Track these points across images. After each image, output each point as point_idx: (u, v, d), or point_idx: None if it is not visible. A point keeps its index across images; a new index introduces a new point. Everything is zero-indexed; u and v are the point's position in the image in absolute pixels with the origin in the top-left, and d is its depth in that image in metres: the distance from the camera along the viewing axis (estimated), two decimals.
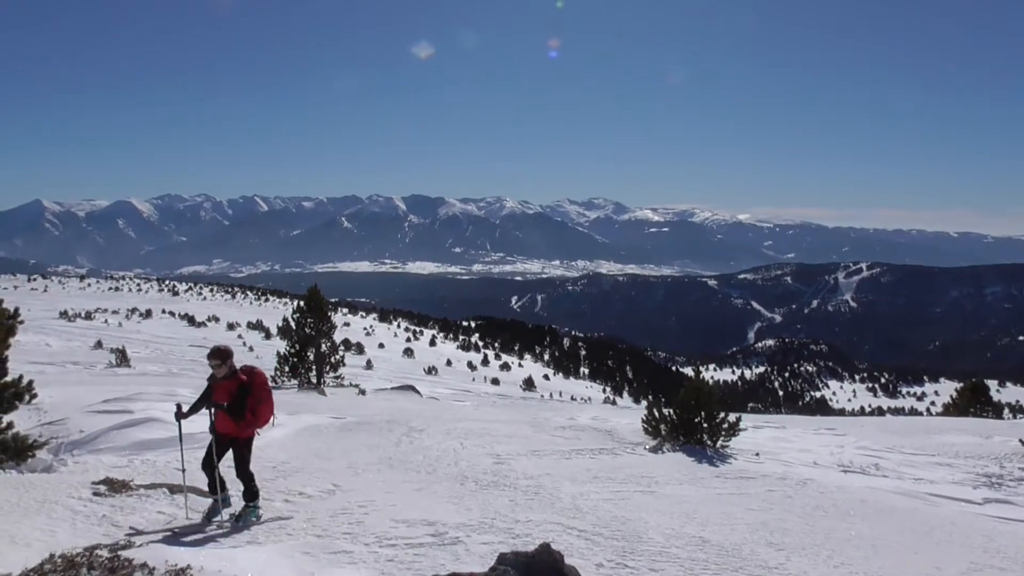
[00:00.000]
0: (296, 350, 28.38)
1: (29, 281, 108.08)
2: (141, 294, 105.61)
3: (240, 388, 7.18)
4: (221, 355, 7.19)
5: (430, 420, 15.18)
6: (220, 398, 7.18)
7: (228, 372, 7.24)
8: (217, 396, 7.21)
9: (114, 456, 9.75)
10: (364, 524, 7.13)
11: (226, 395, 7.17)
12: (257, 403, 7.27)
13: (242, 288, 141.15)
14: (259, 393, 7.31)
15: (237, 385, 7.20)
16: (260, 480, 9.13)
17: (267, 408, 7.50)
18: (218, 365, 7.16)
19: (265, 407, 7.45)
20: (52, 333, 43.97)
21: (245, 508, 7.31)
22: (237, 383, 7.20)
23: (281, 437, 12.27)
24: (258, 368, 7.50)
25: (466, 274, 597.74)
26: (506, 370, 76.29)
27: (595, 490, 9.29)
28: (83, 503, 6.96)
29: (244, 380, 7.23)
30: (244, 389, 7.19)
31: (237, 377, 7.23)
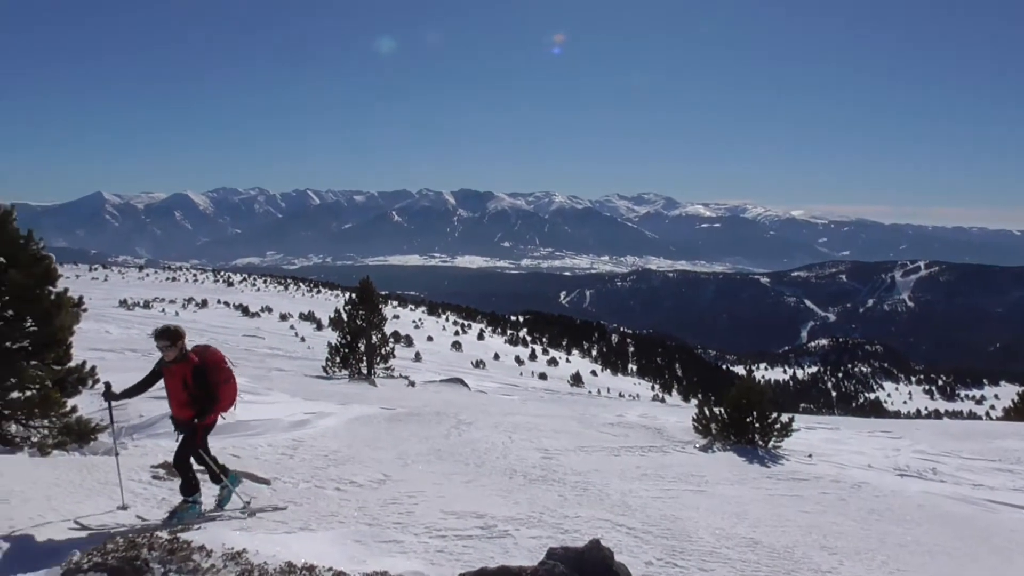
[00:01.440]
0: (347, 341, 28.79)
1: (90, 271, 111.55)
2: (197, 284, 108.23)
3: (195, 372, 6.43)
4: (171, 335, 6.43)
5: (478, 413, 15.24)
6: (173, 385, 6.48)
7: (179, 355, 6.46)
8: (169, 383, 6.51)
9: (170, 441, 9.94)
10: (414, 514, 7.18)
11: (179, 381, 6.43)
12: (216, 386, 6.58)
13: (294, 280, 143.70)
14: (216, 375, 6.61)
15: (191, 369, 6.44)
16: (312, 468, 9.31)
17: (229, 390, 6.82)
18: (167, 347, 6.41)
19: (227, 389, 6.78)
20: (112, 321, 45.30)
21: (183, 503, 6.57)
22: (190, 366, 6.44)
23: (333, 426, 12.43)
24: (211, 347, 6.92)
25: (514, 269, 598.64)
26: (553, 365, 76.29)
27: (644, 488, 9.22)
28: (143, 485, 7.15)
29: (196, 362, 6.49)
30: (199, 373, 6.44)
31: (189, 360, 6.48)
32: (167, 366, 6.47)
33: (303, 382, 22.37)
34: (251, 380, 17.21)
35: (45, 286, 8.57)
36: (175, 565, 4.39)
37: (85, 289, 49.53)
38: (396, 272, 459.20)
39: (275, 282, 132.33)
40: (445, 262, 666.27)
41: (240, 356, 33.62)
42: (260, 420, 11.61)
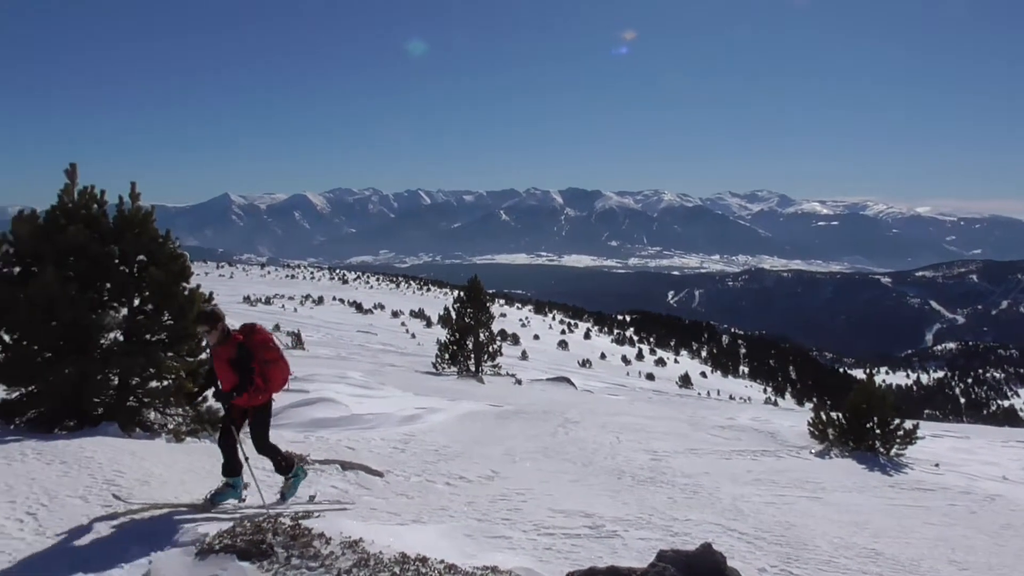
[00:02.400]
0: (456, 338, 29.31)
1: (217, 268, 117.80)
2: (314, 282, 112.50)
3: (239, 351, 6.20)
4: (208, 319, 6.22)
5: (585, 413, 15.22)
6: (221, 367, 6.27)
7: (222, 336, 6.25)
8: (217, 366, 6.30)
9: (292, 432, 10.45)
10: (522, 511, 7.25)
11: (225, 362, 6.21)
12: (263, 364, 6.32)
13: (405, 278, 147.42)
14: (262, 352, 6.33)
15: (235, 348, 6.21)
16: (423, 462, 9.53)
17: (279, 369, 6.51)
18: (207, 331, 6.25)
19: (275, 368, 6.46)
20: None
21: (286, 481, 6.73)
22: (235, 347, 6.21)
23: (443, 422, 12.70)
24: (258, 324, 6.65)
25: (622, 268, 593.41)
26: (661, 366, 75.23)
27: (757, 492, 8.99)
28: (266, 473, 7.49)
29: (241, 340, 6.25)
30: (244, 351, 6.20)
31: (232, 339, 6.26)
32: (214, 350, 6.32)
33: (414, 378, 22.93)
34: (365, 375, 17.78)
35: (180, 283, 9.14)
36: (297, 550, 4.61)
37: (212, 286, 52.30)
38: (503, 271, 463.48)
39: (387, 280, 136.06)
40: (552, 261, 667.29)
41: (354, 351, 34.79)
42: (374, 414, 11.98)
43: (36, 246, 8.76)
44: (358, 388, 14.05)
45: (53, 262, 8.55)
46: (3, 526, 5.14)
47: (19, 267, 8.89)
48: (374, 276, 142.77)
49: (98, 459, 6.86)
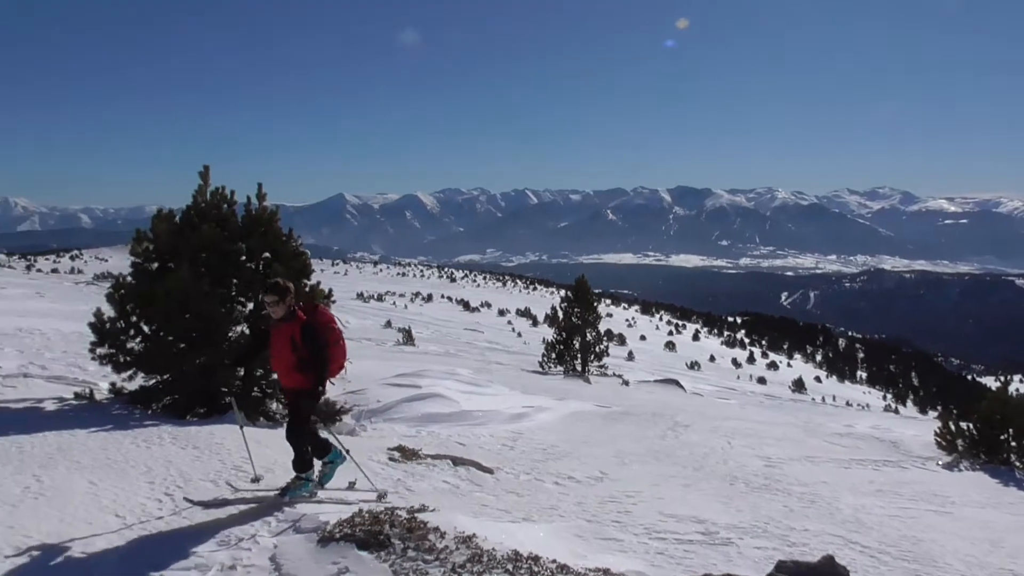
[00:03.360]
0: (563, 338, 29.31)
1: (332, 265, 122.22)
2: (423, 279, 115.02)
3: (304, 331, 5.87)
4: (279, 290, 5.89)
5: (695, 416, 14.93)
6: (281, 346, 5.94)
7: (287, 312, 5.95)
8: (277, 344, 5.98)
9: (405, 426, 10.72)
10: (632, 514, 7.18)
11: (287, 341, 5.89)
12: (326, 346, 6.00)
13: (512, 277, 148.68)
14: (325, 334, 6.03)
15: (300, 327, 5.88)
16: (531, 460, 9.58)
17: (338, 352, 6.18)
18: (275, 302, 5.88)
19: (336, 351, 6.13)
20: (350, 312, 49.29)
21: (323, 466, 6.44)
22: (299, 324, 5.90)
23: (550, 421, 12.72)
24: (321, 305, 6.40)
25: (732, 268, 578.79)
26: (773, 369, 72.92)
27: (879, 504, 8.57)
28: (381, 466, 7.72)
29: (305, 319, 5.95)
30: (309, 330, 5.89)
31: (297, 318, 5.95)
32: (275, 326, 5.99)
33: (521, 376, 23.07)
34: (473, 372, 18.03)
35: (302, 279, 9.53)
36: (413, 543, 4.72)
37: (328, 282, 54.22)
38: (610, 270, 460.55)
39: (494, 278, 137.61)
40: (660, 261, 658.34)
41: (462, 348, 35.34)
42: (483, 411, 12.13)
43: (173, 243, 9.32)
44: (467, 385, 14.25)
45: (188, 259, 9.08)
46: (144, 505, 5.49)
47: (158, 263, 9.48)
48: (481, 275, 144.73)
49: (227, 446, 7.24)
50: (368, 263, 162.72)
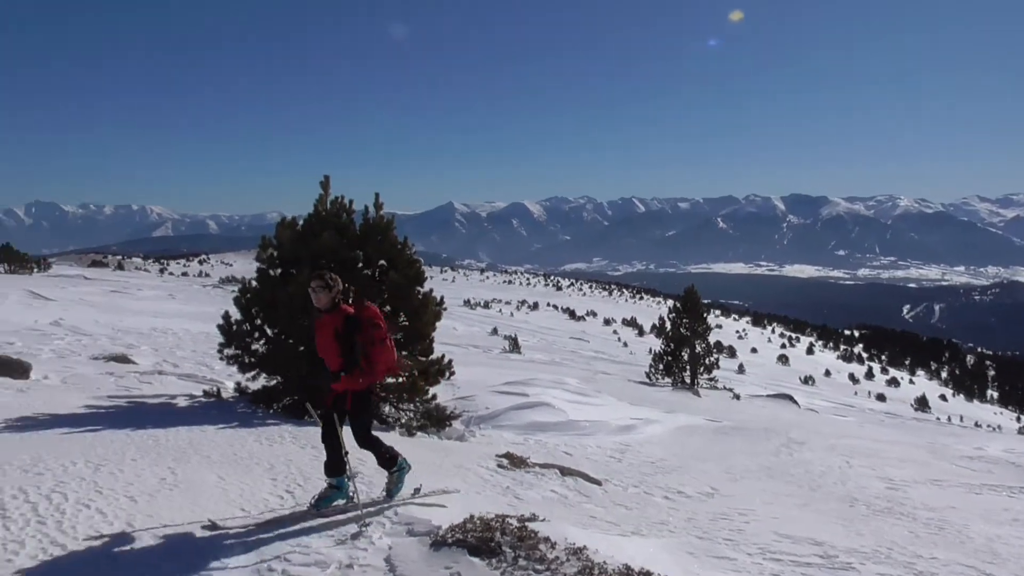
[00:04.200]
0: (670, 349, 28.85)
1: (441, 272, 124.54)
2: (529, 288, 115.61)
3: (347, 324, 5.54)
4: (323, 279, 5.59)
5: (810, 433, 14.40)
6: (324, 338, 5.62)
7: (332, 303, 5.62)
8: (320, 336, 5.66)
9: (512, 433, 10.79)
10: (745, 532, 6.98)
11: (330, 332, 5.57)
12: (370, 344, 5.55)
13: (618, 286, 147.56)
14: (370, 331, 5.56)
15: (343, 320, 5.55)
16: (639, 473, 9.46)
17: (385, 352, 5.65)
18: (320, 288, 5.56)
19: (381, 351, 5.61)
20: (458, 318, 50.09)
21: (391, 476, 6.00)
22: (343, 317, 5.57)
23: (658, 434, 12.54)
24: (368, 301, 5.90)
25: (850, 279, 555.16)
26: (894, 386, 69.42)
27: (1016, 534, 8.01)
28: (490, 473, 7.80)
29: (351, 313, 5.60)
30: (352, 325, 5.54)
31: (341, 310, 5.62)
32: (319, 317, 5.71)
33: (627, 387, 22.84)
34: (580, 381, 17.97)
35: (415, 286, 9.75)
36: (524, 552, 4.73)
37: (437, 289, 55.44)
38: (719, 280, 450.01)
39: (600, 287, 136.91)
40: (772, 271, 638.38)
41: (567, 357, 35.29)
42: (590, 421, 12.07)
43: (295, 250, 9.72)
44: (574, 395, 14.23)
45: (308, 264, 9.44)
46: (267, 500, 5.74)
47: (281, 269, 9.91)
48: (587, 283, 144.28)
49: None
50: (475, 270, 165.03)
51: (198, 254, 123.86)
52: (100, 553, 4.48)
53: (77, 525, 4.84)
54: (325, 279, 5.57)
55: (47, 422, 8.15)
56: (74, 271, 51.55)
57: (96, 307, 24.10)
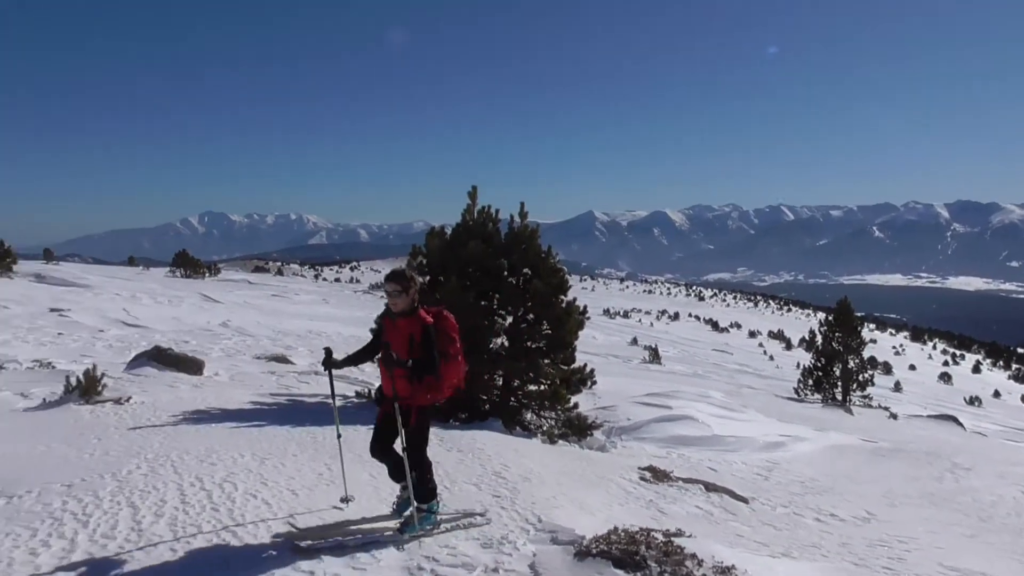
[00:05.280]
0: (821, 364, 27.55)
1: (580, 281, 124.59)
2: (670, 297, 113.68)
3: (424, 332, 5.07)
4: (401, 279, 5.11)
5: (977, 458, 13.33)
6: (396, 343, 5.13)
7: (408, 307, 5.14)
8: (393, 339, 5.15)
9: (654, 446, 10.64)
10: (906, 562, 6.55)
11: (404, 340, 5.08)
12: (443, 358, 5.19)
13: (764, 297, 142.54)
14: (447, 345, 5.23)
15: (420, 327, 5.09)
16: (788, 493, 9.08)
17: (455, 368, 5.30)
18: (397, 292, 5.08)
19: (452, 366, 5.27)
20: (597, 328, 49.88)
21: (417, 512, 5.24)
22: (420, 324, 5.10)
23: (808, 452, 12.00)
24: (447, 311, 5.45)
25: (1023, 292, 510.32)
26: None
27: None
28: (632, 485, 7.72)
29: (429, 322, 5.13)
30: (428, 334, 5.08)
31: (419, 316, 5.14)
32: (392, 320, 5.20)
33: (774, 402, 21.98)
34: (724, 395, 17.47)
35: (559, 295, 9.83)
36: (669, 568, 4.65)
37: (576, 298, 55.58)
38: (874, 292, 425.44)
39: (744, 298, 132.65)
40: (934, 282, 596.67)
41: (709, 370, 34.38)
42: (735, 436, 11.71)
43: (444, 258, 10.04)
44: (719, 408, 13.84)
45: (456, 272, 9.72)
46: None
47: (430, 276, 10.25)
48: (731, 294, 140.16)
49: (487, 451, 7.63)
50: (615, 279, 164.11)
51: (349, 261, 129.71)
52: (266, 541, 4.79)
53: (246, 513, 5.20)
54: (402, 282, 5.09)
55: (218, 416, 8.80)
56: (239, 276, 55.31)
57: (259, 310, 25.80)
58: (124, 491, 5.52)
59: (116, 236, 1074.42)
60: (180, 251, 45.81)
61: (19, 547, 4.47)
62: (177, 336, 17.05)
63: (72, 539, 4.63)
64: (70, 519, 4.94)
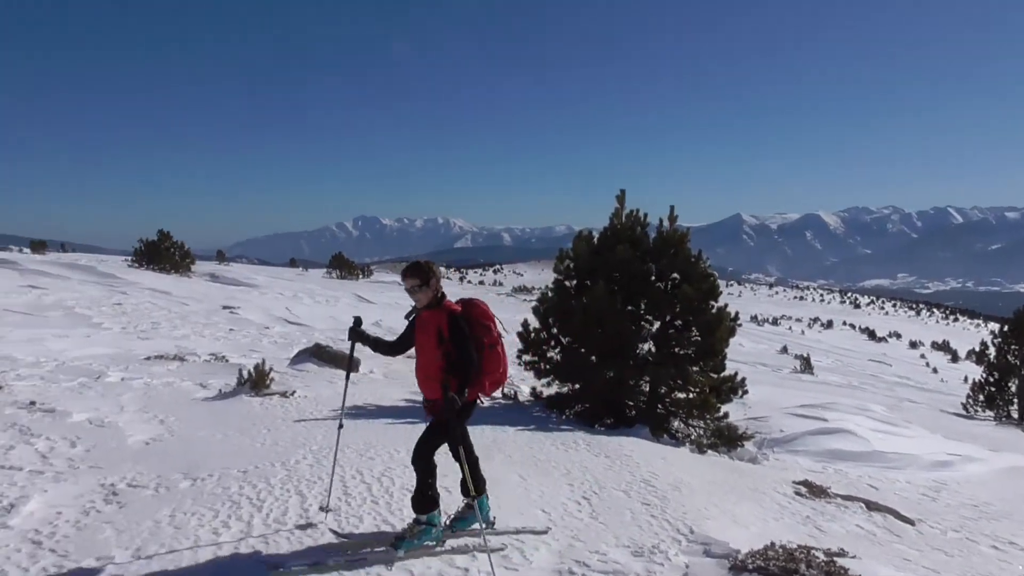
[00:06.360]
0: (994, 378, 25.46)
1: (726, 286, 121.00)
2: (823, 304, 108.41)
3: (452, 323, 4.72)
4: (421, 272, 4.77)
5: None
6: (424, 340, 4.81)
7: (433, 298, 4.81)
8: (421, 338, 4.85)
9: (809, 460, 10.17)
10: None
11: (432, 334, 4.75)
12: (479, 349, 4.80)
13: (927, 305, 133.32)
14: (479, 333, 4.83)
15: (447, 318, 4.74)
16: (960, 517, 8.45)
17: (494, 360, 4.87)
18: (418, 287, 4.76)
19: (491, 357, 4.85)
20: (744, 335, 48.27)
21: (415, 526, 4.79)
22: (446, 314, 4.76)
23: (981, 473, 11.11)
24: (478, 299, 5.03)
25: None
26: None
27: None
28: (787, 500, 7.42)
29: (457, 311, 4.81)
30: (457, 324, 4.72)
31: (445, 307, 4.81)
32: (419, 316, 4.90)
33: (939, 418, 20.51)
34: (885, 409, 16.49)
35: (709, 301, 9.60)
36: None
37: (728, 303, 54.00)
38: None
39: (905, 306, 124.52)
40: None
41: (866, 381, 32.50)
42: (898, 453, 11.01)
43: (591, 262, 10.04)
44: (879, 423, 13.05)
45: (604, 277, 9.70)
46: (566, 505, 5.96)
47: (576, 280, 10.28)
48: (890, 301, 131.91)
49: (635, 458, 7.56)
50: (763, 285, 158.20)
51: (493, 264, 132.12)
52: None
53: (404, 508, 5.41)
54: (421, 275, 4.76)
55: (374, 412, 9.20)
56: (389, 278, 57.53)
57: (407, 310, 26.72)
58: (292, 479, 5.88)
59: (278, 239, 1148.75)
60: (336, 253, 48.26)
61: (203, 526, 4.86)
62: (334, 334, 17.94)
63: (248, 522, 4.98)
64: (246, 503, 5.32)
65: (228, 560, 4.39)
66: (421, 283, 4.75)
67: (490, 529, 5.02)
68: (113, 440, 7.00)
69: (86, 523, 4.85)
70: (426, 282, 4.75)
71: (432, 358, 4.73)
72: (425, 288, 4.76)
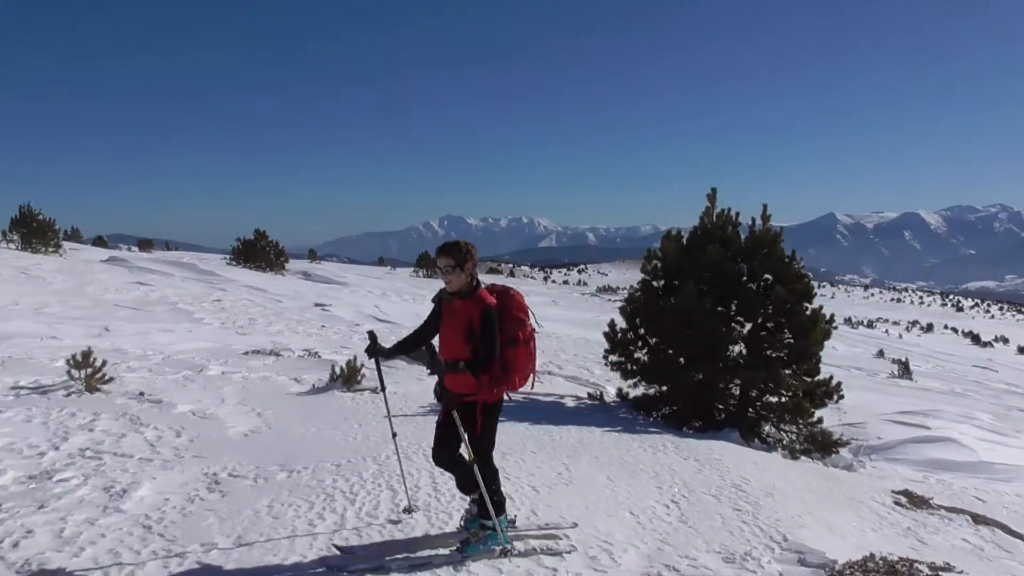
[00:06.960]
0: None
1: (819, 287, 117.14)
2: (922, 307, 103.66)
3: (485, 316, 4.34)
4: (457, 253, 4.39)
5: None
6: (453, 329, 4.45)
7: (466, 287, 4.44)
8: (449, 325, 4.49)
9: (909, 469, 9.75)
10: None
11: (463, 324, 4.39)
12: (511, 345, 4.45)
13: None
14: (513, 327, 4.46)
15: (480, 310, 4.36)
16: None
17: (525, 356, 4.52)
18: (451, 268, 4.38)
19: (522, 354, 4.49)
20: (837, 338, 46.48)
21: (481, 531, 4.61)
22: (480, 307, 4.37)
23: None
24: (515, 290, 4.59)
25: None
26: None
27: None
28: (886, 509, 7.13)
29: (492, 303, 4.40)
30: (489, 318, 4.34)
31: (479, 298, 4.41)
32: (449, 301, 4.52)
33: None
34: (992, 418, 15.66)
35: (803, 303, 9.32)
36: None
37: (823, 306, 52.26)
38: None
39: (1014, 309, 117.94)
40: None
41: (969, 388, 30.92)
42: (1007, 465, 10.43)
43: (679, 262, 9.89)
44: (986, 432, 12.41)
45: (692, 277, 9.53)
46: (654, 508, 5.88)
47: (664, 280, 10.14)
48: (996, 304, 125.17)
49: (725, 463, 7.40)
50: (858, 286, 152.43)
51: (577, 264, 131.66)
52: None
53: None
54: (456, 255, 4.38)
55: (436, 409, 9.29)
56: None
57: None
58: (384, 474, 6.00)
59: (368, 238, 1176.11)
60: (422, 252, 49.02)
61: (299, 518, 5.01)
62: None
63: (342, 515, 5.11)
64: (340, 496, 5.46)
65: (323, 551, 4.51)
66: (456, 264, 4.37)
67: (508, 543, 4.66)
68: (215, 431, 7.30)
69: (191, 510, 5.08)
70: (460, 264, 4.38)
71: (458, 352, 4.42)
72: (459, 271, 4.39)
